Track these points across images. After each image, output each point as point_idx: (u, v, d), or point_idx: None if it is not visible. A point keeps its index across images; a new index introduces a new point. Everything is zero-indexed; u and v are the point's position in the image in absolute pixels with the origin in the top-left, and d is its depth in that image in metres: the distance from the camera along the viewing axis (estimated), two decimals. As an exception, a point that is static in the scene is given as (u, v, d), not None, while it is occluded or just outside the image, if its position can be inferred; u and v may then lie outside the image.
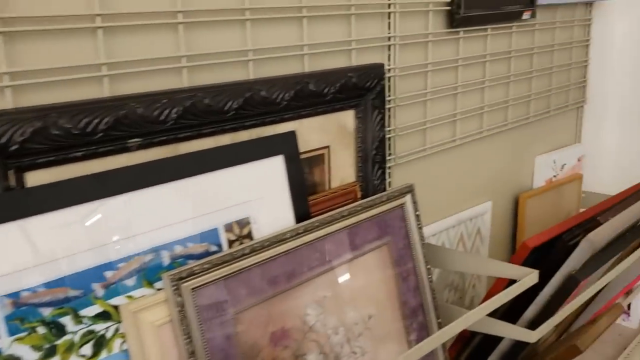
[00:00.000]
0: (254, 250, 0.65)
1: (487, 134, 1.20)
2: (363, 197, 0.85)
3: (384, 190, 0.89)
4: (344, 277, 0.75)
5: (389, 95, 0.97)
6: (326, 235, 0.73)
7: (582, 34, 1.45)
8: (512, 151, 1.31)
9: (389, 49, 0.95)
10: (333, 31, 0.86)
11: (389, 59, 0.96)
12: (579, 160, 1.48)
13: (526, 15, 1.20)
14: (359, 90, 0.82)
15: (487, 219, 1.27)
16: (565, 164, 1.44)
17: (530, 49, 1.27)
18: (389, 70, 0.96)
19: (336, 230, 0.74)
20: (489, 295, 1.02)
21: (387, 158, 0.98)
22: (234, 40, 0.74)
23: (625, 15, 1.68)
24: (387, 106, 0.97)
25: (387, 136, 0.98)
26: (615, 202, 1.11)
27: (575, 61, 1.44)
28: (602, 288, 1.18)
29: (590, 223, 0.92)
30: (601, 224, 0.88)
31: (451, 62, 1.08)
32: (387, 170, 1.00)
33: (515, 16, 1.18)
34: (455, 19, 1.03)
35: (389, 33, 0.94)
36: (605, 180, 1.78)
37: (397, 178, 1.02)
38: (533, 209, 1.37)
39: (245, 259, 0.65)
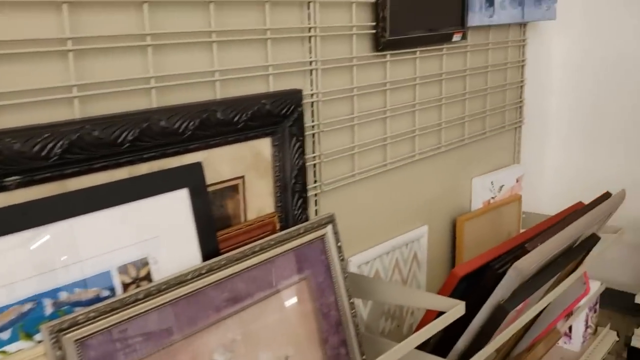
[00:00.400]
0: (149, 295, 0.60)
1: (420, 158, 1.18)
2: (283, 228, 0.81)
3: (306, 220, 0.85)
4: (257, 317, 0.71)
5: (313, 121, 0.93)
6: (236, 273, 0.69)
7: (517, 55, 1.46)
8: (448, 174, 1.30)
9: (311, 74, 0.92)
10: (248, 56, 0.82)
11: (311, 84, 0.92)
12: (517, 181, 1.48)
13: (457, 37, 1.19)
14: (275, 118, 0.78)
15: (423, 243, 1.24)
16: (503, 185, 1.44)
17: (463, 71, 1.26)
18: (312, 95, 0.93)
19: (247, 268, 0.70)
20: (421, 325, 0.98)
21: (313, 185, 0.95)
22: (136, 67, 0.69)
23: (560, 35, 1.70)
24: (312, 132, 0.93)
25: (312, 163, 0.94)
26: (553, 223, 1.10)
27: (511, 82, 1.44)
28: (541, 312, 1.16)
29: (518, 250, 0.90)
30: (529, 251, 0.87)
31: (379, 85, 1.05)
32: (314, 198, 0.97)
33: (446, 38, 1.17)
34: (381, 42, 1.01)
35: (310, 57, 0.91)
36: (545, 200, 1.80)
37: (325, 206, 0.99)
38: (471, 232, 1.35)
39: (139, 304, 0.60)
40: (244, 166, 0.77)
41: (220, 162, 0.74)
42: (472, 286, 0.93)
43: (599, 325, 1.46)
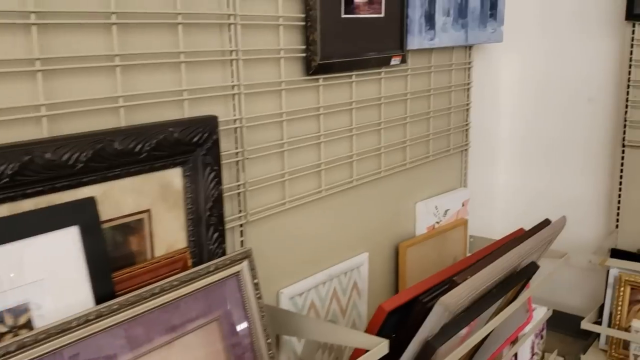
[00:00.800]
0: (23, 347, 0.54)
1: (358, 183, 1.15)
2: (196, 264, 0.76)
3: (223, 254, 0.80)
4: (157, 364, 0.65)
5: (237, 148, 0.89)
6: (132, 318, 0.63)
7: (463, 77, 1.44)
8: (390, 199, 1.26)
9: (234, 98, 0.88)
10: (160, 80, 0.77)
11: (234, 109, 0.88)
12: (463, 204, 1.46)
13: (395, 60, 1.16)
14: (185, 146, 0.74)
15: (364, 271, 1.20)
16: (448, 209, 1.41)
17: (404, 95, 1.24)
18: (235, 121, 0.88)
19: (146, 311, 0.64)
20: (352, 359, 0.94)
21: (237, 216, 0.90)
22: (24, 93, 0.64)
23: (508, 57, 1.70)
24: (235, 159, 0.89)
25: (237, 192, 0.90)
26: (493, 249, 1.07)
27: (456, 105, 1.42)
28: (484, 340, 1.13)
29: (447, 284, 0.86)
30: (458, 284, 0.83)
31: (312, 110, 1.02)
32: (240, 229, 0.92)
33: (383, 62, 1.14)
34: (311, 66, 0.98)
35: (233, 81, 0.87)
36: (494, 222, 1.78)
37: (253, 237, 0.94)
38: (415, 258, 1.32)
39: (12, 357, 0.54)
40: (149, 199, 0.72)
41: (121, 195, 0.69)
42: (404, 320, 0.89)
43: (546, 352, 1.44)
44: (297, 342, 1.05)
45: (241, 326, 0.74)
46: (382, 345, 0.77)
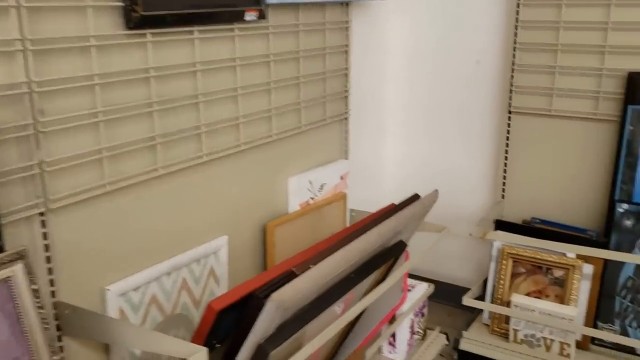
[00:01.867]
0: None
1: (210, 159, 1.00)
2: (-44, 269, 0.60)
3: (1, 251, 0.64)
4: None
5: (28, 119, 0.72)
6: None
7: (340, 39, 1.31)
8: (254, 175, 1.13)
9: (19, 57, 0.70)
10: None
11: (22, 70, 0.71)
12: (342, 178, 1.35)
13: (250, 15, 1.01)
14: None
15: (222, 256, 1.07)
16: (324, 184, 1.30)
17: (265, 56, 1.09)
18: (22, 85, 0.71)
19: None
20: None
21: (34, 202, 0.73)
22: None
23: (391, 18, 1.59)
24: (26, 132, 0.72)
25: (31, 173, 0.73)
26: (360, 226, 0.97)
27: (332, 69, 1.30)
28: (354, 325, 1.04)
29: (287, 277, 0.74)
30: (296, 276, 0.71)
31: (140, 72, 0.85)
32: (40, 219, 0.75)
33: (235, 17, 0.99)
34: (132, 19, 0.81)
35: (18, 36, 0.69)
36: (380, 195, 1.69)
37: (63, 228, 0.77)
38: (286, 238, 1.20)
39: None
40: None
41: None
42: (240, 318, 0.77)
43: (428, 328, 1.37)
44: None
45: (14, 343, 0.59)
46: (200, 354, 0.64)
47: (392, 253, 0.98)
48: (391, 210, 1.03)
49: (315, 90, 1.25)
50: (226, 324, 0.78)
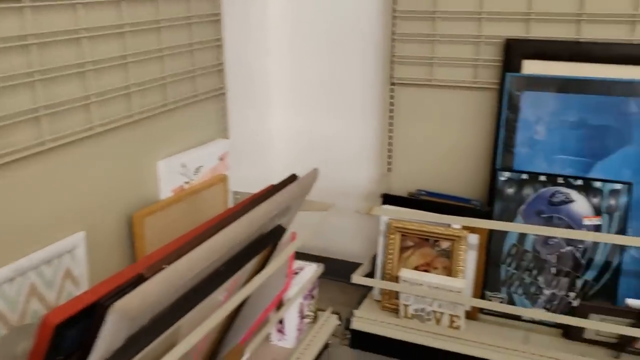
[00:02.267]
0: None
1: (54, 145, 0.87)
2: None
3: None
4: None
5: None
6: None
7: (208, 7, 1.20)
8: (113, 161, 1.00)
9: None
10: None
11: None
12: (221, 158, 1.25)
13: (94, -21, 0.88)
14: None
15: (79, 255, 0.94)
16: (200, 166, 1.20)
17: (118, 27, 0.96)
18: None
19: None
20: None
21: None
22: None
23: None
24: None
25: None
26: (234, 211, 0.88)
27: (201, 40, 1.18)
28: (241, 308, 0.96)
29: (136, 281, 0.65)
30: (146, 279, 0.62)
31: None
32: None
33: (73, -20, 0.85)
34: None
35: None
36: (267, 174, 1.62)
37: None
38: (158, 229, 1.09)
39: None
40: None
41: None
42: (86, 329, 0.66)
43: (319, 309, 1.33)
44: None
45: None
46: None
47: (269, 239, 0.90)
48: (270, 191, 0.95)
49: (181, 64, 1.13)
50: (75, 334, 0.67)
